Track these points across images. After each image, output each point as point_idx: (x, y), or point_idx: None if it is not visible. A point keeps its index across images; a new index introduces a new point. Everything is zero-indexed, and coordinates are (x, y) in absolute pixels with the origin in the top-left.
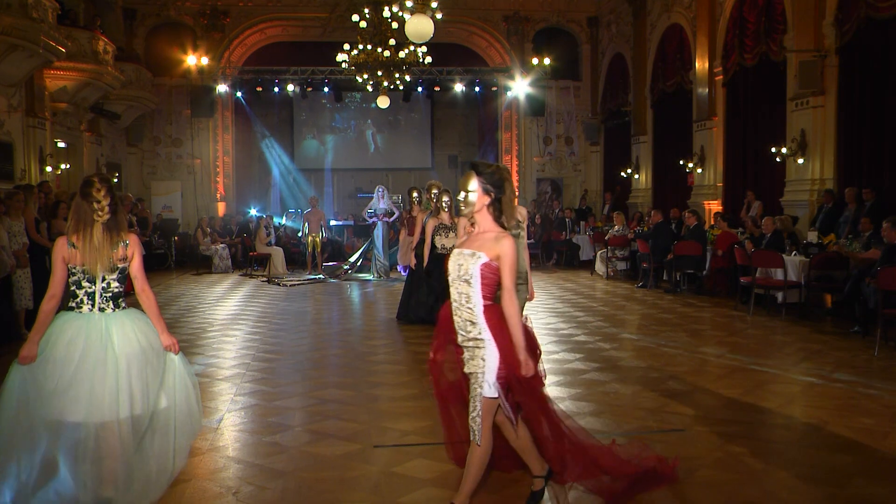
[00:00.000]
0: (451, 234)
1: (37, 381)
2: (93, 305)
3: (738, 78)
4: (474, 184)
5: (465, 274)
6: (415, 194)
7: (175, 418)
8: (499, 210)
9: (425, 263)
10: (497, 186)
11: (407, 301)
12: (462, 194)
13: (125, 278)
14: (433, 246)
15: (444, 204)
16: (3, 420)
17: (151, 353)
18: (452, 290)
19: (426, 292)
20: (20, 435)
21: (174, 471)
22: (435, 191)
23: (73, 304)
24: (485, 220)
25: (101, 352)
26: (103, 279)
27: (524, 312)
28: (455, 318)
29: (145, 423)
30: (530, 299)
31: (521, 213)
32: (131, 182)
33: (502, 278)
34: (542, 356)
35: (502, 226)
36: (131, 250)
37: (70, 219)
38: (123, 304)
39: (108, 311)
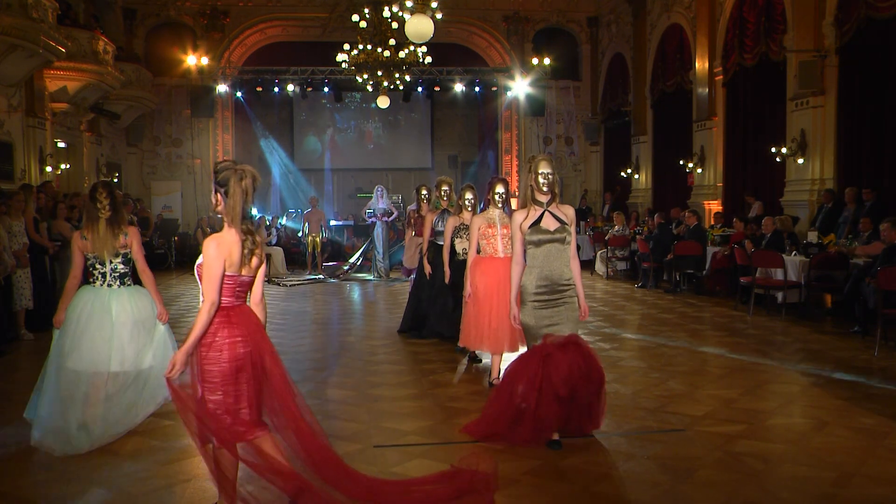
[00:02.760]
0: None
1: (60, 339)
2: (104, 282)
3: (738, 78)
4: (213, 184)
5: None
6: (423, 192)
7: (151, 375)
8: (226, 208)
9: (446, 268)
10: (222, 184)
11: (415, 311)
12: None
13: (129, 261)
14: (452, 250)
15: (467, 202)
16: (48, 372)
17: (142, 323)
18: None
19: (452, 304)
20: (55, 381)
21: (139, 417)
22: (445, 187)
23: (91, 280)
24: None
25: (101, 318)
26: (110, 262)
27: (577, 332)
28: None
29: (129, 379)
30: (583, 317)
31: (569, 214)
32: (131, 182)
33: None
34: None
35: (237, 226)
36: (131, 239)
37: (83, 217)
38: (129, 282)
39: (115, 286)
